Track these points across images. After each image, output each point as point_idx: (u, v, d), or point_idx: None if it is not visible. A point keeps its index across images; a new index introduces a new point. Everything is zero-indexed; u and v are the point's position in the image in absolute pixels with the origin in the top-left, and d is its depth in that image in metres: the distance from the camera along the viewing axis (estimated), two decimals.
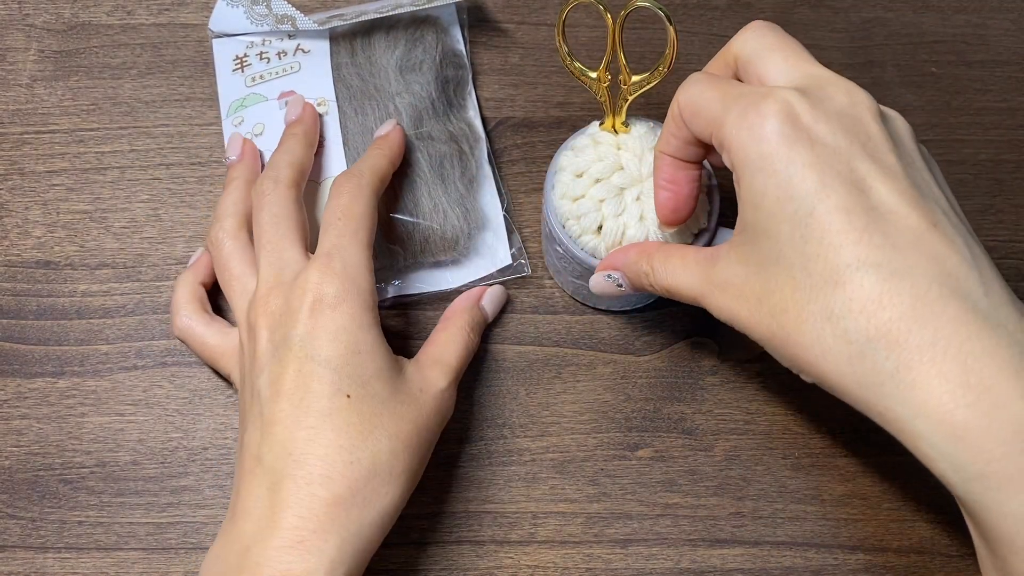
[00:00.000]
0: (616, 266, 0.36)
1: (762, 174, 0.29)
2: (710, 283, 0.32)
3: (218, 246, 0.38)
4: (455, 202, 0.43)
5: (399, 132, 0.42)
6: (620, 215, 0.37)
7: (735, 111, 0.29)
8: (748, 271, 0.30)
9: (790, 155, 0.28)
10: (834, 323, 0.27)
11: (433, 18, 0.47)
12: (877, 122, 0.30)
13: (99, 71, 0.48)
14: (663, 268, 0.34)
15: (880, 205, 0.28)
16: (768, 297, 0.29)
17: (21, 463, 0.41)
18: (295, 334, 0.34)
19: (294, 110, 0.43)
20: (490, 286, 0.43)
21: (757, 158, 0.29)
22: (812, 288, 0.28)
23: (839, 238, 0.27)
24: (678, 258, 0.34)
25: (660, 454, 0.42)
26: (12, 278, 0.44)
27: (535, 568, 0.40)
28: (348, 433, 0.33)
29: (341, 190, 0.37)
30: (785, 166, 0.28)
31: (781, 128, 0.28)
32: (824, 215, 0.28)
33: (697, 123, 0.31)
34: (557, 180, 0.39)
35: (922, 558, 0.41)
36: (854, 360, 0.27)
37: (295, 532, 0.31)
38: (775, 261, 0.29)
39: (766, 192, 0.29)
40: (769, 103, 0.29)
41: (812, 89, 0.30)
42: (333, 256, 0.35)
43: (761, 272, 0.29)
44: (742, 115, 0.29)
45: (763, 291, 0.29)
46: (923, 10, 0.52)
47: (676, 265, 0.34)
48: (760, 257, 0.29)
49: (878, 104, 0.30)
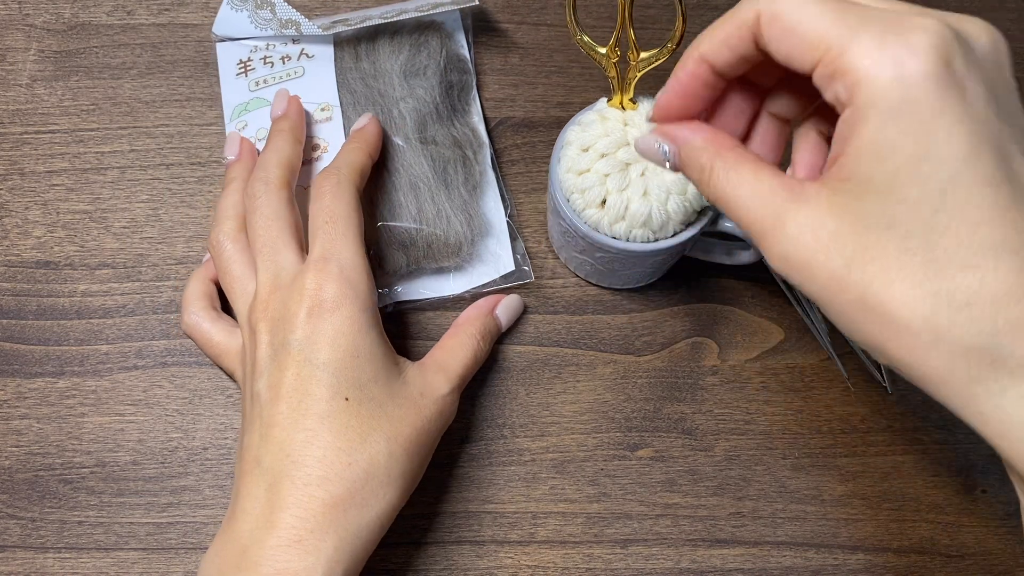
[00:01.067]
0: (675, 138, 0.30)
1: (900, 121, 0.23)
2: (781, 219, 0.26)
3: (218, 249, 0.38)
4: (458, 208, 0.43)
5: (375, 125, 0.42)
6: (624, 190, 0.37)
7: (867, 36, 0.24)
8: (843, 227, 0.25)
9: (942, 105, 0.23)
10: (955, 311, 0.23)
11: (438, 23, 0.47)
12: (1013, 74, 0.25)
13: (99, 71, 0.48)
14: (728, 172, 0.28)
15: (1021, 177, 0.24)
16: (865, 265, 0.24)
17: (21, 463, 0.41)
18: (294, 338, 0.34)
19: (279, 105, 0.43)
20: (506, 294, 0.43)
21: (898, 101, 0.23)
22: (933, 265, 0.24)
23: (980, 214, 0.23)
24: (750, 170, 0.28)
25: (660, 454, 0.42)
26: (12, 278, 0.44)
27: (535, 568, 0.40)
28: (346, 436, 0.33)
29: (322, 190, 0.37)
30: (932, 118, 0.23)
31: (935, 69, 0.23)
32: (968, 186, 0.23)
33: (790, 42, 0.25)
34: (563, 154, 0.39)
35: (922, 558, 0.41)
36: (971, 354, 0.24)
37: (293, 531, 0.31)
38: (887, 225, 0.24)
39: (899, 145, 0.23)
40: (920, 35, 0.23)
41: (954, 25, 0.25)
42: (328, 260, 0.35)
43: (862, 233, 0.24)
44: (880, 43, 0.24)
45: (858, 255, 0.24)
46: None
47: (746, 176, 0.28)
48: (864, 215, 0.24)
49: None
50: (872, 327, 0.25)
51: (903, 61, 0.23)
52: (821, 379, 0.44)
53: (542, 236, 0.46)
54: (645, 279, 0.44)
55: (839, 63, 0.24)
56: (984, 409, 0.24)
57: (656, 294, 0.45)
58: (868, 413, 0.43)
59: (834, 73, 0.25)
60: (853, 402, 0.43)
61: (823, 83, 0.25)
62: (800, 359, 0.44)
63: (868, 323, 0.25)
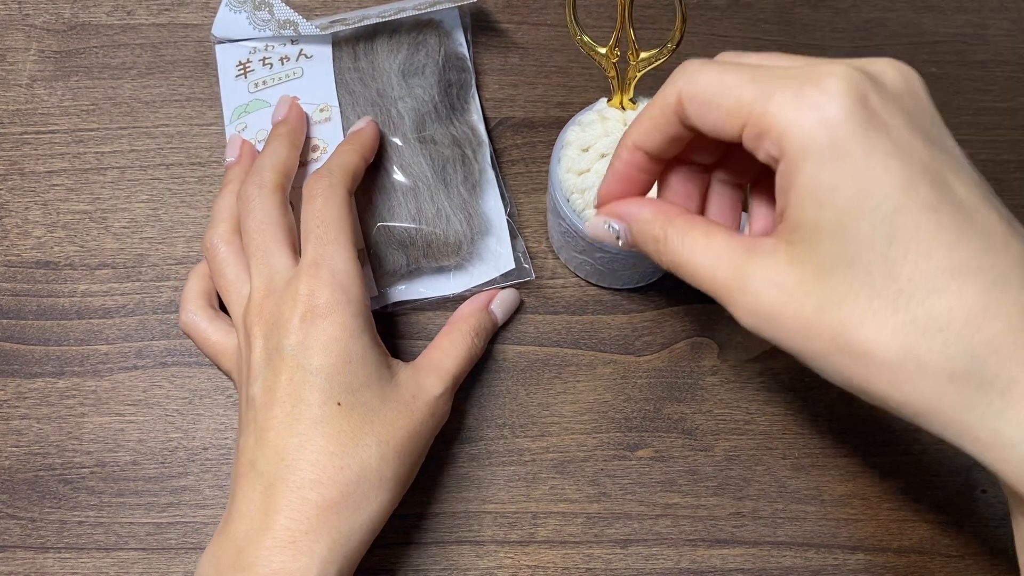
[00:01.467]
0: (622, 216, 0.31)
1: (833, 164, 0.24)
2: (741, 279, 0.27)
3: (213, 252, 0.38)
4: (458, 207, 0.43)
5: (372, 127, 0.42)
6: None
7: (783, 92, 0.25)
8: (804, 275, 0.25)
9: (870, 143, 0.24)
10: (930, 337, 0.24)
11: (436, 22, 0.47)
12: (932, 104, 0.26)
13: (99, 71, 0.48)
14: (681, 238, 0.28)
15: (962, 202, 0.24)
16: (833, 308, 0.25)
17: (21, 463, 0.41)
18: (287, 343, 0.34)
19: (281, 110, 0.43)
20: (502, 289, 0.43)
21: (827, 146, 0.24)
22: (901, 297, 0.24)
23: (931, 239, 0.24)
24: (702, 233, 0.28)
25: (660, 454, 0.42)
26: (12, 278, 0.44)
27: (535, 568, 0.40)
28: (338, 440, 0.33)
29: (313, 193, 0.37)
30: (864, 155, 0.24)
31: (853, 109, 0.24)
32: (913, 213, 0.24)
33: (713, 115, 0.26)
34: (563, 154, 0.39)
35: (922, 558, 0.41)
36: (957, 379, 0.24)
37: (287, 533, 0.32)
38: (846, 265, 0.24)
39: (838, 185, 0.24)
40: (832, 81, 0.24)
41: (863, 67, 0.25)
42: (320, 265, 0.35)
43: (824, 277, 0.25)
44: (796, 95, 0.25)
45: (825, 300, 0.25)
46: (923, 10, 0.52)
47: (699, 240, 0.28)
48: (823, 260, 0.25)
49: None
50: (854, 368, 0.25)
51: (821, 106, 0.24)
52: (821, 379, 0.44)
53: (542, 236, 0.46)
54: (645, 279, 0.44)
55: (762, 122, 0.25)
56: (980, 435, 0.24)
57: (656, 294, 0.45)
58: (868, 414, 0.43)
59: (760, 133, 0.25)
60: (853, 402, 0.43)
61: (753, 145, 0.26)
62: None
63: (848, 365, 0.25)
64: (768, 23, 0.51)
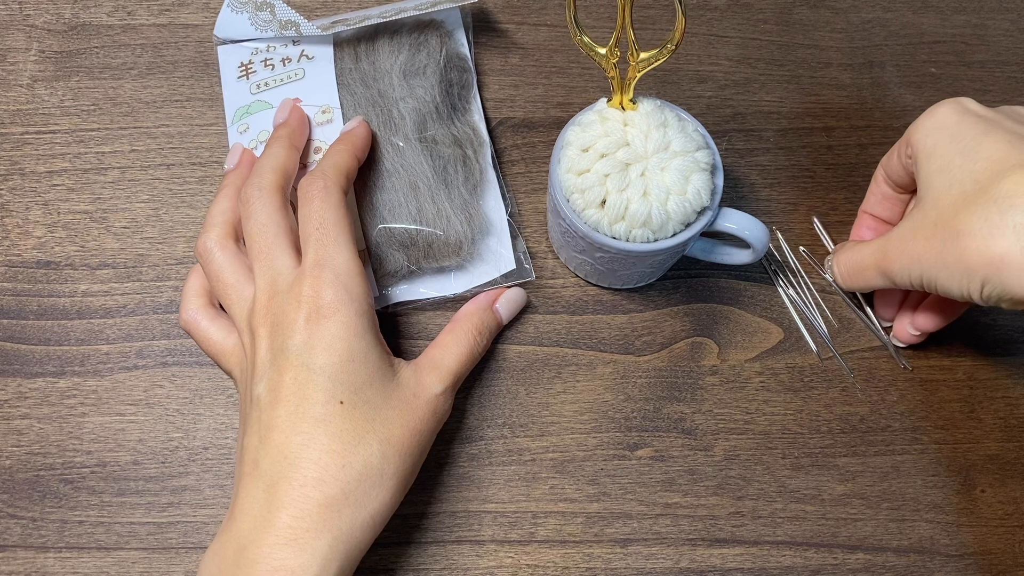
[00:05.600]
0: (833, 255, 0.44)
1: (936, 132, 0.36)
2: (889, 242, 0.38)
3: (208, 256, 0.38)
4: (459, 207, 0.43)
5: (364, 127, 0.42)
6: (624, 190, 0.37)
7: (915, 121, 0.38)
8: (927, 209, 0.36)
9: (960, 118, 0.36)
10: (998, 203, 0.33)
11: (437, 22, 0.47)
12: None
13: (100, 71, 0.48)
14: (846, 252, 0.42)
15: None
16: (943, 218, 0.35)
17: (22, 463, 0.41)
18: (292, 343, 0.34)
19: (282, 113, 0.43)
20: (508, 288, 0.43)
21: (932, 125, 0.37)
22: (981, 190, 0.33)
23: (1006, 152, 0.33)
24: (858, 243, 0.42)
25: (660, 454, 0.42)
26: (13, 278, 0.44)
27: (535, 568, 0.40)
28: (341, 438, 0.33)
29: (310, 195, 0.37)
30: (956, 123, 0.36)
31: (954, 106, 0.37)
32: (991, 143, 0.34)
33: (890, 161, 0.41)
34: (563, 154, 0.39)
35: (922, 558, 0.41)
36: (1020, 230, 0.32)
37: (289, 530, 0.32)
38: (948, 187, 0.35)
39: (939, 141, 0.36)
40: (942, 102, 0.38)
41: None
42: (323, 266, 0.35)
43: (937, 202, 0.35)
44: (919, 117, 0.38)
45: (939, 216, 0.35)
46: (923, 10, 0.52)
47: (857, 246, 0.42)
48: (936, 192, 0.36)
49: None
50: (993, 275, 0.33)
51: (933, 111, 0.38)
52: (821, 379, 0.44)
53: (542, 236, 0.46)
54: (645, 279, 0.44)
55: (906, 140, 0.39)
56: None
57: (656, 294, 0.45)
58: (867, 413, 0.43)
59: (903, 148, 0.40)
60: (853, 402, 0.44)
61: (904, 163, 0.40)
62: (800, 359, 0.44)
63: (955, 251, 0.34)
64: (768, 23, 0.51)
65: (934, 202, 0.36)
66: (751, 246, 0.40)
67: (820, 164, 0.48)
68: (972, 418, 0.44)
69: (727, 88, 0.49)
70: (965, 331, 0.45)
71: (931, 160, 0.36)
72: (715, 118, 0.49)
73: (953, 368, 0.44)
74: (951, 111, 0.37)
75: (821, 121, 0.49)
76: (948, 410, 0.44)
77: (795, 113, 0.49)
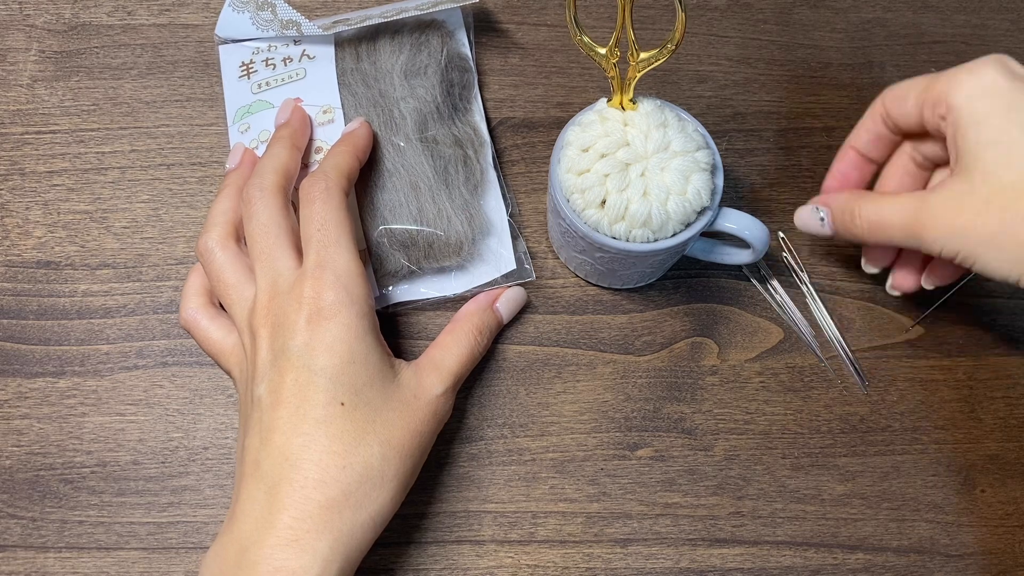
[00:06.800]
0: (828, 203, 0.40)
1: (987, 98, 0.34)
2: (924, 209, 0.35)
3: (208, 256, 0.38)
4: (459, 208, 0.43)
5: (365, 128, 0.42)
6: (624, 190, 0.37)
7: (949, 72, 0.35)
8: (974, 182, 0.34)
9: (1012, 84, 0.34)
10: None
11: (438, 22, 0.47)
12: None
13: (100, 71, 0.48)
14: (870, 206, 0.38)
15: None
16: (999, 196, 0.33)
17: (22, 463, 0.41)
18: (293, 344, 0.34)
19: (283, 113, 0.43)
20: (508, 288, 0.43)
21: (979, 88, 0.34)
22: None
23: None
24: (886, 198, 0.38)
25: (660, 454, 0.42)
26: (13, 278, 0.44)
27: (535, 567, 0.40)
28: (341, 440, 0.33)
29: (311, 196, 0.37)
30: (1009, 90, 0.33)
31: (999, 68, 0.34)
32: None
33: (903, 103, 0.38)
34: (563, 154, 0.39)
35: (922, 558, 0.41)
36: None
37: (290, 532, 0.32)
38: (1006, 164, 0.33)
39: (992, 110, 0.33)
40: (984, 58, 0.35)
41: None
42: (324, 267, 0.35)
43: (988, 177, 0.33)
44: (957, 69, 0.35)
45: (992, 193, 0.33)
46: (923, 10, 0.52)
47: (882, 201, 0.37)
48: (986, 165, 0.33)
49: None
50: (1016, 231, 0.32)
51: (975, 69, 0.34)
52: (820, 379, 0.44)
53: (542, 236, 0.46)
54: (645, 279, 0.44)
55: (933, 93, 0.36)
56: None
57: (656, 294, 0.45)
58: (867, 413, 0.43)
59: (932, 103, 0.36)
60: (852, 402, 0.44)
61: (928, 115, 0.36)
62: (799, 359, 0.44)
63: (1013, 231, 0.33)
64: (768, 23, 0.51)
65: (986, 176, 0.33)
66: (751, 246, 0.40)
67: (820, 164, 0.48)
68: (972, 418, 0.44)
69: (727, 88, 0.49)
70: (965, 331, 0.45)
71: (981, 129, 0.34)
72: (715, 118, 0.49)
73: (953, 368, 0.44)
74: (999, 73, 0.34)
75: (821, 121, 0.49)
76: (948, 410, 0.44)
77: (795, 113, 0.49)
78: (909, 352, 0.45)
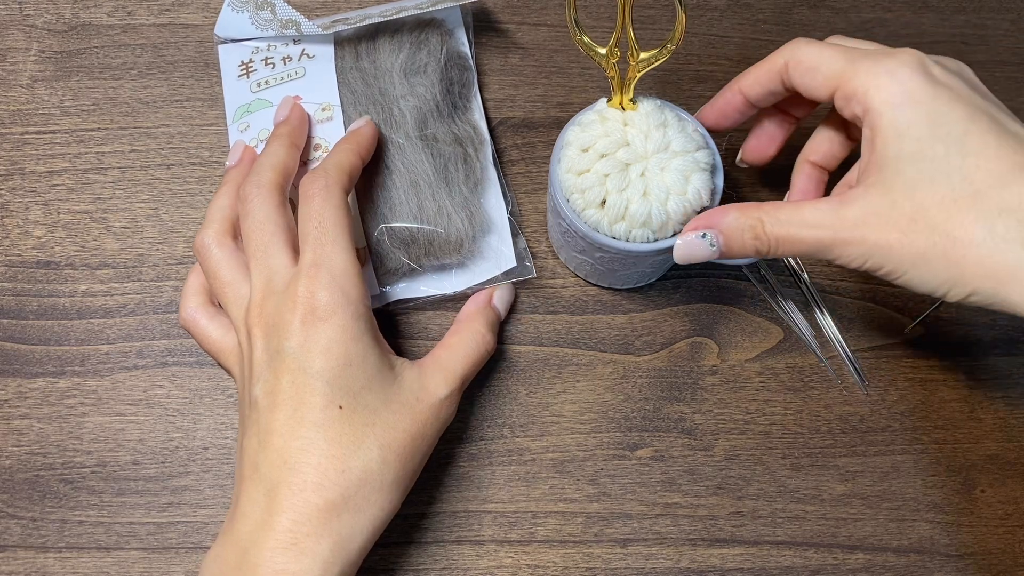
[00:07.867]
0: (713, 224, 0.35)
1: (908, 107, 0.32)
2: (842, 224, 0.33)
3: (205, 253, 0.38)
4: (459, 205, 0.43)
5: (371, 127, 0.42)
6: (624, 190, 0.37)
7: (866, 64, 0.33)
8: (895, 197, 0.32)
9: (935, 92, 0.32)
10: (1007, 216, 0.30)
11: (438, 21, 0.47)
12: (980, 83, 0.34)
13: (100, 71, 0.48)
14: (775, 218, 0.34)
15: (1017, 132, 0.32)
16: (924, 214, 0.31)
17: (22, 463, 0.41)
18: (288, 346, 0.34)
19: (282, 111, 0.43)
20: (498, 286, 0.43)
21: (901, 95, 0.32)
22: (976, 195, 0.31)
23: (996, 151, 0.31)
24: (793, 207, 0.34)
25: (660, 454, 0.42)
26: (13, 278, 0.44)
27: (535, 567, 0.40)
28: (340, 443, 0.33)
29: (310, 193, 0.37)
30: (932, 99, 0.32)
31: (920, 71, 0.32)
32: (978, 135, 0.31)
33: (811, 78, 0.35)
34: (563, 154, 0.39)
35: (922, 558, 0.41)
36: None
37: (290, 535, 0.32)
38: (929, 180, 0.31)
39: (914, 121, 0.32)
40: (902, 55, 0.33)
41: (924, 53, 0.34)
42: (320, 266, 0.35)
43: (912, 193, 0.32)
44: (876, 65, 0.33)
45: (917, 210, 0.31)
46: (923, 10, 0.52)
47: (790, 214, 0.34)
48: (908, 180, 0.32)
49: None
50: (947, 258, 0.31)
51: (895, 72, 0.32)
52: (821, 379, 0.44)
53: (542, 236, 0.46)
54: (645, 279, 0.44)
55: (848, 86, 0.33)
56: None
57: (656, 294, 0.45)
58: (867, 413, 0.43)
59: (849, 96, 0.33)
60: (852, 402, 0.44)
61: (842, 105, 0.34)
62: (800, 359, 0.44)
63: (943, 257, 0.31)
64: (767, 23, 0.51)
65: (910, 193, 0.31)
66: None
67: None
68: (972, 418, 0.44)
69: None
70: (965, 331, 0.45)
71: (904, 143, 0.32)
72: None
73: (953, 368, 0.44)
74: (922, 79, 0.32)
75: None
76: (948, 410, 0.44)
77: None
78: (909, 352, 0.45)
